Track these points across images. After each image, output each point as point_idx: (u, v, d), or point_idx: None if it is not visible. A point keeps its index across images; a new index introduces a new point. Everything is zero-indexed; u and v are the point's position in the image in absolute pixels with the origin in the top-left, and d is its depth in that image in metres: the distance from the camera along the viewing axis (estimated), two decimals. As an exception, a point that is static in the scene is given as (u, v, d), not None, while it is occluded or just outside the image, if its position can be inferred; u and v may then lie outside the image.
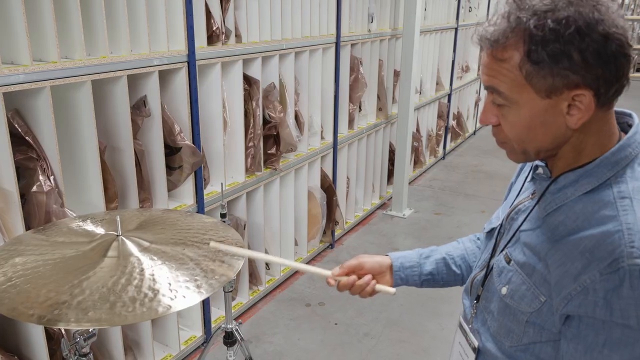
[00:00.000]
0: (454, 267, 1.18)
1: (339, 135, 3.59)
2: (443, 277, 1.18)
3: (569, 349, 0.82)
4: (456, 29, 5.48)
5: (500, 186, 4.87)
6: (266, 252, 3.12)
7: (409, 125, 4.11)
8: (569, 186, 0.84)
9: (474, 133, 6.99)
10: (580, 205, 0.82)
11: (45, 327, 1.89)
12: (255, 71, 2.72)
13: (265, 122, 2.85)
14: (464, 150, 6.31)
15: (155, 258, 1.19)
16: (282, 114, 2.88)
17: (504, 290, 0.91)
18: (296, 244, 3.41)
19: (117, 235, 1.23)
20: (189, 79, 2.30)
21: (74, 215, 1.86)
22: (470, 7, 5.82)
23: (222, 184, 1.70)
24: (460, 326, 1.07)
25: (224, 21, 2.50)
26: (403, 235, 3.91)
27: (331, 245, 3.73)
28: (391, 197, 4.43)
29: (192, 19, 2.24)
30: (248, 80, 2.70)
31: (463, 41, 5.78)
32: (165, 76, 2.27)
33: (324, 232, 3.59)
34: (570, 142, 0.83)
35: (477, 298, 1.01)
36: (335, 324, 2.90)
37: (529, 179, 0.99)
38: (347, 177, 3.86)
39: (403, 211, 4.27)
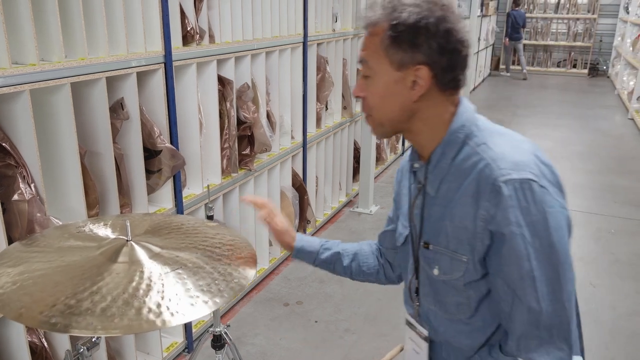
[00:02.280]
0: (345, 262, 1.36)
1: (308, 134, 3.61)
2: (334, 266, 1.36)
3: (498, 282, 0.97)
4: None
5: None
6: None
7: (374, 123, 4.17)
8: (441, 159, 1.03)
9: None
10: (454, 168, 1.01)
11: (29, 342, 1.82)
12: (228, 71, 2.69)
13: (239, 122, 2.83)
14: (420, 146, 6.45)
15: (171, 263, 1.17)
16: (255, 114, 2.87)
17: (435, 272, 1.06)
18: (270, 244, 3.40)
19: (127, 240, 1.21)
20: (166, 80, 2.26)
21: (60, 223, 1.79)
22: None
23: (208, 185, 1.68)
24: (408, 323, 1.21)
25: (197, 21, 2.47)
26: (372, 231, 3.97)
27: (303, 244, 3.74)
28: (357, 194, 4.49)
29: (169, 18, 2.20)
30: (221, 81, 2.67)
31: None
32: (141, 78, 2.21)
33: (297, 232, 3.59)
34: (418, 116, 1.02)
35: (417, 291, 1.16)
36: (316, 321, 2.92)
37: (412, 182, 1.15)
38: (316, 176, 3.88)
39: (370, 208, 4.33)
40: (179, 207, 2.45)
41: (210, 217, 2.05)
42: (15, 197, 1.73)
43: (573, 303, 0.97)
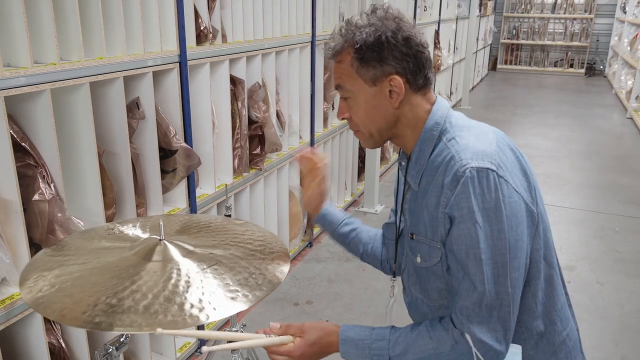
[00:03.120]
0: (359, 245, 1.40)
1: (315, 133, 3.61)
2: (349, 244, 1.41)
3: (451, 259, 1.04)
4: (413, 28, 5.61)
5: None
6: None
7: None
8: (419, 156, 1.10)
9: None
10: (430, 163, 1.08)
11: (48, 343, 1.81)
12: (239, 71, 2.69)
13: (250, 122, 2.83)
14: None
15: (206, 260, 1.17)
16: (266, 114, 2.87)
17: (418, 259, 1.12)
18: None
19: (160, 240, 1.20)
20: (181, 80, 2.26)
21: (81, 223, 1.78)
22: (425, 7, 5.98)
23: (226, 185, 1.67)
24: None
25: (210, 20, 2.46)
26: (378, 230, 3.97)
27: (310, 244, 3.74)
28: (362, 194, 4.49)
29: (184, 17, 2.19)
30: (233, 81, 2.67)
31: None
32: (156, 77, 2.20)
33: (305, 231, 3.60)
34: (401, 121, 1.10)
35: (394, 274, 1.29)
36: (326, 320, 2.91)
37: (401, 178, 1.22)
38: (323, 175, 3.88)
39: (375, 207, 4.34)
40: (193, 207, 2.44)
41: (228, 217, 2.04)
42: (36, 197, 1.72)
43: (519, 287, 1.03)
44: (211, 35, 2.45)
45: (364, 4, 4.18)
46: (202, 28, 2.39)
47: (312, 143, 3.57)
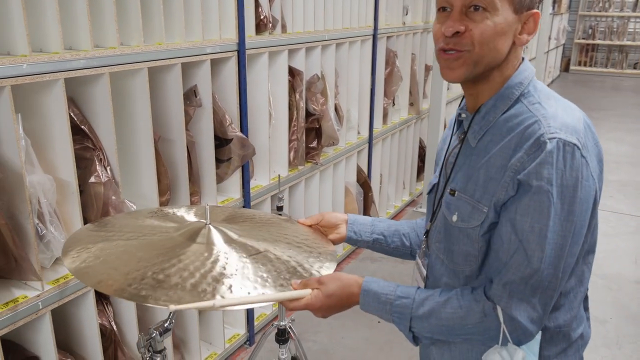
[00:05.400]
0: (404, 239, 1.30)
1: (374, 129, 3.52)
2: (393, 241, 1.30)
3: (506, 229, 0.96)
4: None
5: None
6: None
7: (441, 121, 4.04)
8: (490, 111, 1.01)
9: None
10: (501, 122, 0.99)
11: (99, 324, 1.83)
12: (298, 62, 2.65)
13: (307, 114, 2.79)
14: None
15: (252, 248, 1.12)
16: (324, 107, 2.82)
17: (454, 218, 1.04)
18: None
19: (206, 224, 1.17)
20: (239, 69, 2.24)
21: (134, 207, 1.79)
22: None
23: (279, 176, 1.63)
24: (416, 263, 1.21)
25: (270, 10, 2.44)
26: (436, 232, 3.83)
27: (365, 243, 3.66)
28: (421, 194, 4.36)
29: (243, 6, 2.17)
30: (291, 72, 2.63)
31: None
32: (214, 65, 2.19)
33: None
34: (504, 64, 1.00)
35: (426, 234, 1.16)
36: (379, 322, 2.82)
37: (455, 132, 1.14)
38: (380, 174, 3.79)
39: (434, 208, 4.19)
40: (247, 198, 2.42)
41: (280, 208, 2.00)
42: (92, 179, 1.74)
43: (567, 274, 0.98)
44: (271, 25, 2.42)
45: (429, -2, 4.05)
46: (261, 17, 2.36)
47: (370, 139, 3.49)
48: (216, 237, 1.14)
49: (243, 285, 1.00)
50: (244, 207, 2.41)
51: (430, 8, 4.07)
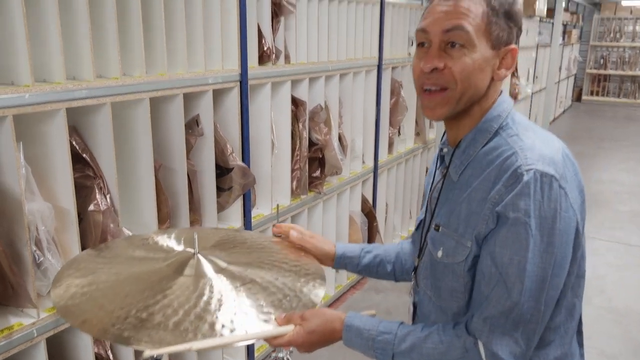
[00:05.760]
0: (387, 265, 1.33)
1: (379, 159, 3.52)
2: (377, 270, 1.33)
3: (486, 262, 0.95)
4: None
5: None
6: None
7: (448, 150, 4.03)
8: (470, 145, 1.02)
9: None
10: (481, 155, 1.00)
11: (95, 353, 1.82)
12: (302, 92, 2.68)
13: (311, 144, 2.80)
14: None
15: (239, 277, 1.12)
16: (327, 136, 2.83)
17: (439, 254, 1.04)
18: (336, 271, 3.31)
19: (194, 253, 1.17)
20: (241, 98, 2.27)
21: (130, 235, 1.80)
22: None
23: (277, 205, 1.63)
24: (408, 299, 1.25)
25: (274, 41, 2.48)
26: (443, 262, 3.79)
27: (370, 272, 3.62)
28: (428, 224, 4.32)
29: (246, 38, 2.21)
30: (295, 102, 2.66)
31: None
32: (216, 95, 2.23)
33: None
34: (483, 98, 1.02)
35: (415, 269, 1.17)
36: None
37: (438, 167, 1.16)
38: (386, 203, 3.78)
39: (441, 238, 4.15)
40: (248, 227, 2.42)
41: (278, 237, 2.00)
42: (91, 207, 1.76)
43: (550, 308, 0.96)
44: (274, 55, 2.46)
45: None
46: (265, 48, 2.41)
47: (375, 168, 3.49)
48: (204, 267, 1.13)
49: (225, 322, 0.98)
50: (245, 235, 2.41)
51: None
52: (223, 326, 0.98)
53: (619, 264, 3.90)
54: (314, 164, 2.87)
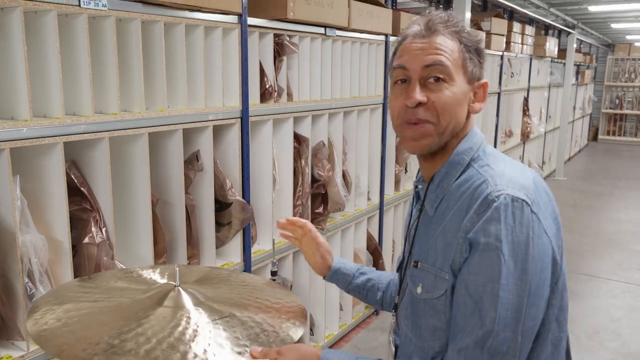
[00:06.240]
0: (377, 292, 1.33)
1: (385, 196, 3.51)
2: (367, 294, 1.34)
3: (460, 291, 0.93)
4: (499, 94, 5.47)
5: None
6: (311, 316, 2.98)
7: (456, 188, 4.00)
8: (444, 179, 1.03)
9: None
10: (455, 188, 1.00)
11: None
12: (305, 129, 2.70)
13: (314, 180, 2.81)
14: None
15: (218, 311, 1.10)
16: (330, 173, 2.84)
17: (419, 290, 1.03)
18: (341, 309, 3.26)
19: (175, 286, 1.16)
20: (242, 135, 2.29)
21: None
22: (512, 73, 5.82)
23: (273, 240, 1.62)
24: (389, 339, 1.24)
25: (276, 79, 2.52)
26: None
27: (376, 312, 3.56)
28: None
29: (247, 76, 2.26)
30: (297, 138, 2.68)
31: (506, 106, 5.74)
32: (217, 131, 2.26)
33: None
34: (461, 131, 1.04)
35: (395, 307, 1.16)
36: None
37: (414, 205, 1.16)
38: (393, 240, 3.74)
39: (450, 277, 4.08)
40: (247, 262, 2.41)
41: (274, 273, 1.98)
42: (86, 240, 1.77)
43: (528, 340, 0.92)
44: (276, 93, 2.50)
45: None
46: (267, 86, 2.45)
47: (381, 205, 3.47)
48: (184, 299, 1.13)
49: (198, 352, 0.97)
50: (244, 271, 2.40)
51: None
52: (195, 356, 0.96)
53: (636, 306, 3.77)
54: (316, 201, 2.87)
